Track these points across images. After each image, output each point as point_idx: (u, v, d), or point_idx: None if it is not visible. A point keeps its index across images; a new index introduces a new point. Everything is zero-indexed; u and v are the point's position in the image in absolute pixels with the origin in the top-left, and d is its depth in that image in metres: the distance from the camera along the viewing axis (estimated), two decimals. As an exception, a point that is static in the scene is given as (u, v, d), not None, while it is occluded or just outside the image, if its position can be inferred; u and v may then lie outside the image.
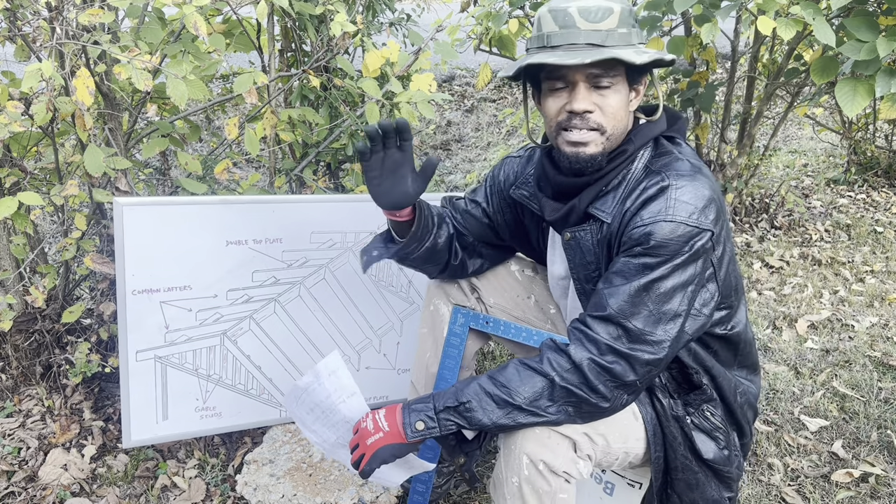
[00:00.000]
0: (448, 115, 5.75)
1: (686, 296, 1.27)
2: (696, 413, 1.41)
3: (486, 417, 1.27)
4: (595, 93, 1.29)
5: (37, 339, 2.13)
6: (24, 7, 1.77)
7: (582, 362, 1.25)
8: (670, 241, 1.24)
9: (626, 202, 1.32)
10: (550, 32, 1.27)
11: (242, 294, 1.89)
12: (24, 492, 1.88)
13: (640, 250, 1.26)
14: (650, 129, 1.38)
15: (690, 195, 1.27)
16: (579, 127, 1.30)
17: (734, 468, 1.44)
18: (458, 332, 1.66)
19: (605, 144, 1.32)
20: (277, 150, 2.26)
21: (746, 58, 3.64)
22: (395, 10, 2.56)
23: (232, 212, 1.82)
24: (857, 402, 2.30)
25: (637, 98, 1.37)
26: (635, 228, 1.28)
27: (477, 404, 1.28)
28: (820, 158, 5.01)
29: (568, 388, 1.25)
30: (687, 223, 1.25)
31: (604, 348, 1.26)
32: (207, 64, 2.01)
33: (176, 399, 1.89)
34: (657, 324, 1.26)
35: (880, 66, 2.29)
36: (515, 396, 1.26)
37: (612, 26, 1.25)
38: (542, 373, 1.27)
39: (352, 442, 1.35)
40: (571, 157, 1.33)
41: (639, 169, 1.35)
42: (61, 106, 1.70)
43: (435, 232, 1.53)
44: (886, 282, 3.20)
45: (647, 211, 1.27)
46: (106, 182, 1.96)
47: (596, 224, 1.37)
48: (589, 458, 1.33)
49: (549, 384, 1.26)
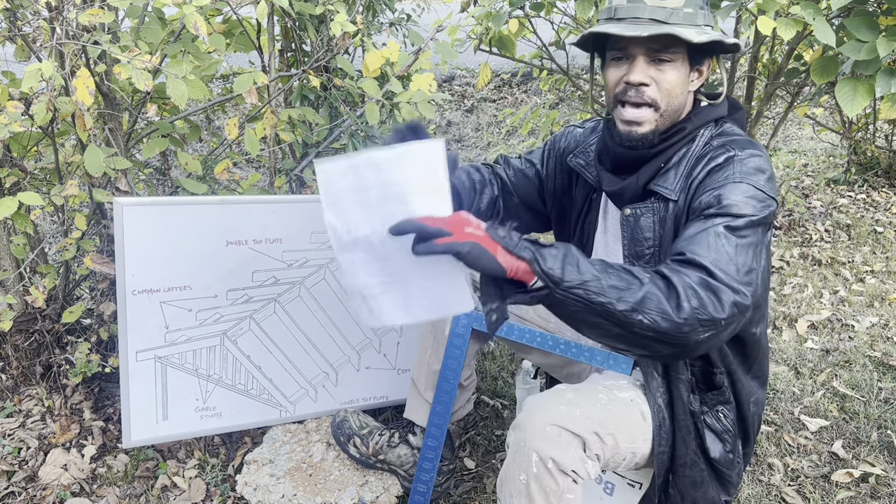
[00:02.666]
0: (448, 116, 5.75)
1: (758, 255, 1.25)
2: (710, 412, 1.42)
3: (578, 273, 1.12)
4: (653, 67, 1.32)
5: (37, 339, 2.13)
6: (24, 7, 1.77)
7: (677, 283, 1.16)
8: (742, 202, 1.25)
9: (690, 176, 1.34)
10: (618, 5, 1.32)
11: (242, 294, 1.89)
12: (24, 492, 1.88)
13: (713, 211, 1.26)
14: (710, 112, 1.40)
15: (758, 164, 1.30)
16: (634, 100, 1.34)
17: (735, 473, 1.45)
18: (461, 333, 1.66)
19: (659, 122, 1.36)
20: (277, 150, 2.26)
21: (746, 58, 3.64)
22: (395, 10, 2.56)
23: (232, 212, 1.82)
24: (857, 402, 2.30)
25: (700, 79, 1.39)
26: (705, 193, 1.29)
27: (573, 261, 1.13)
28: (820, 158, 5.01)
29: (656, 294, 1.14)
30: (756, 186, 1.27)
31: (696, 281, 1.17)
32: (207, 64, 2.01)
33: (176, 399, 1.89)
34: (740, 273, 1.20)
35: (880, 66, 2.29)
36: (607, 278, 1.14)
37: (678, 5, 1.29)
38: (637, 275, 1.16)
39: (428, 220, 1.06)
40: (624, 135, 1.38)
41: (699, 146, 1.38)
42: (61, 106, 1.70)
43: (476, 199, 1.57)
44: (886, 282, 3.20)
45: (716, 177, 1.29)
46: (106, 182, 1.96)
47: (660, 202, 1.39)
48: (597, 458, 1.33)
49: (639, 283, 1.15)
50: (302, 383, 2.03)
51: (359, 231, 1.09)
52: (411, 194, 1.05)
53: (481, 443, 2.14)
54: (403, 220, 1.05)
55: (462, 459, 2.07)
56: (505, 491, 1.34)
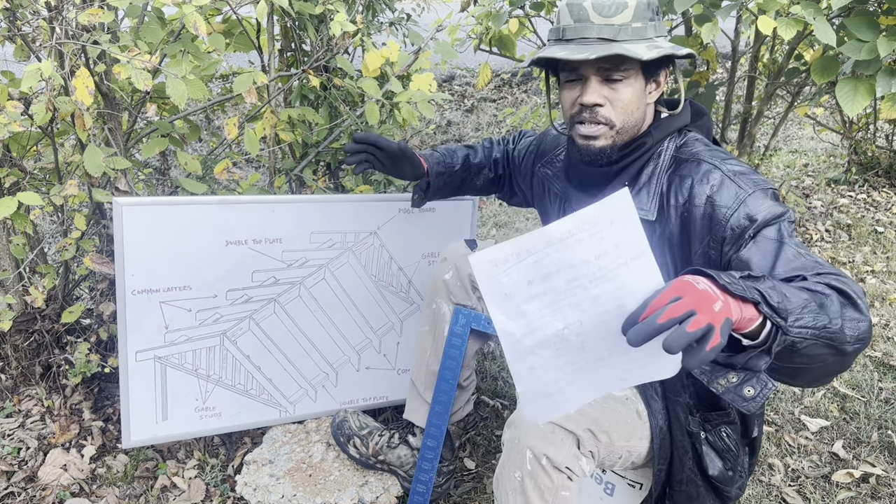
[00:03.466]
0: (448, 115, 5.75)
1: None
2: (712, 431, 1.40)
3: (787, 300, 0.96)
4: (606, 87, 1.30)
5: (36, 340, 2.13)
6: (23, 7, 1.76)
7: (837, 284, 1.05)
8: (768, 207, 1.20)
9: (676, 196, 1.29)
10: (566, 26, 1.30)
11: (242, 294, 1.88)
12: (23, 492, 1.88)
13: (752, 233, 1.18)
14: (671, 123, 1.38)
15: (740, 166, 1.28)
16: (589, 120, 1.33)
17: (735, 488, 1.44)
18: (460, 333, 1.66)
19: (616, 138, 1.34)
20: (277, 149, 2.26)
21: (747, 57, 3.63)
22: (395, 9, 2.56)
23: (232, 212, 1.81)
24: (857, 402, 2.30)
25: (658, 90, 1.37)
26: (729, 220, 1.21)
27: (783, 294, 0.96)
28: (820, 158, 5.01)
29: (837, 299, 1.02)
30: (764, 188, 1.24)
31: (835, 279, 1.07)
32: (207, 63, 2.01)
33: (176, 399, 1.89)
34: None
35: (881, 66, 2.28)
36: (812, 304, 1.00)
37: (625, 21, 1.26)
38: (812, 290, 1.03)
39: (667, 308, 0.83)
40: (583, 150, 1.37)
41: (666, 161, 1.35)
42: (61, 106, 1.70)
43: (461, 164, 1.76)
44: (887, 282, 3.20)
45: (723, 199, 1.23)
46: (105, 182, 1.96)
47: None
48: (592, 456, 1.33)
49: (824, 296, 1.02)
50: (302, 383, 2.03)
51: (547, 330, 0.86)
52: (614, 269, 0.84)
53: (481, 443, 2.14)
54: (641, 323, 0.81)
55: (462, 460, 2.07)
56: (501, 489, 1.34)
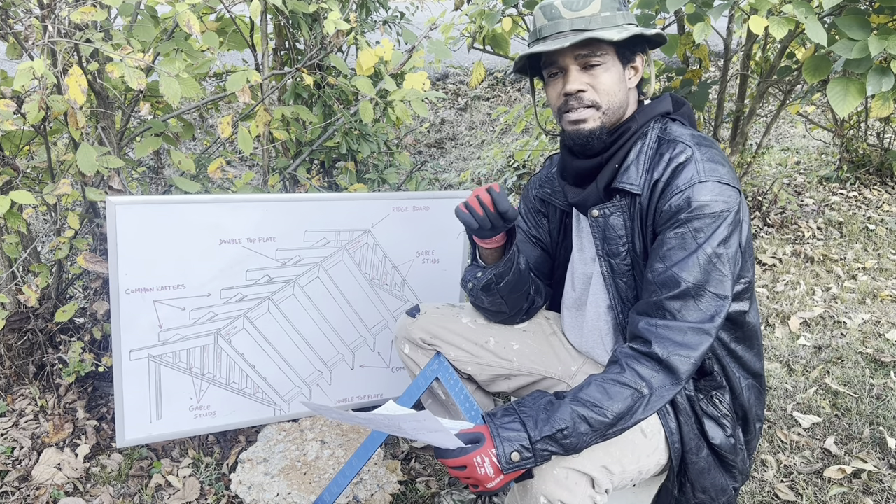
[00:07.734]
0: (442, 114, 5.75)
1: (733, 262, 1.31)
2: (705, 399, 1.43)
3: (581, 441, 1.23)
4: (586, 74, 1.38)
5: (30, 339, 2.12)
6: (15, 5, 1.76)
7: (669, 357, 1.26)
8: (712, 201, 1.29)
9: (654, 172, 1.37)
10: (541, 26, 1.40)
11: (236, 293, 1.88)
12: (17, 491, 1.88)
13: (685, 217, 1.30)
14: (652, 108, 1.45)
15: (716, 157, 1.34)
16: (576, 107, 1.39)
17: (739, 460, 1.45)
18: (428, 376, 1.66)
19: (604, 119, 1.40)
20: (271, 148, 2.26)
21: (739, 56, 3.65)
22: (389, 8, 2.56)
23: (225, 210, 1.81)
24: (849, 398, 2.32)
25: (637, 75, 1.45)
26: (672, 197, 1.32)
27: (572, 430, 1.23)
28: (812, 156, 5.03)
29: (661, 391, 1.26)
30: (721, 182, 1.31)
31: (687, 331, 1.27)
32: (200, 62, 2.01)
33: (170, 398, 1.88)
34: (726, 283, 1.29)
35: (871, 65, 2.30)
36: (608, 414, 1.24)
37: (594, 11, 1.36)
38: (632, 386, 1.25)
39: (469, 481, 1.27)
40: (573, 135, 1.42)
41: (652, 140, 1.42)
42: (54, 104, 1.69)
43: (517, 257, 1.57)
44: (878, 279, 3.22)
45: (680, 178, 1.32)
46: (99, 181, 1.95)
47: (626, 199, 1.41)
48: (606, 492, 1.33)
49: (639, 396, 1.25)
50: (296, 382, 2.03)
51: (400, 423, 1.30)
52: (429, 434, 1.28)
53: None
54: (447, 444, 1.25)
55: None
56: None
